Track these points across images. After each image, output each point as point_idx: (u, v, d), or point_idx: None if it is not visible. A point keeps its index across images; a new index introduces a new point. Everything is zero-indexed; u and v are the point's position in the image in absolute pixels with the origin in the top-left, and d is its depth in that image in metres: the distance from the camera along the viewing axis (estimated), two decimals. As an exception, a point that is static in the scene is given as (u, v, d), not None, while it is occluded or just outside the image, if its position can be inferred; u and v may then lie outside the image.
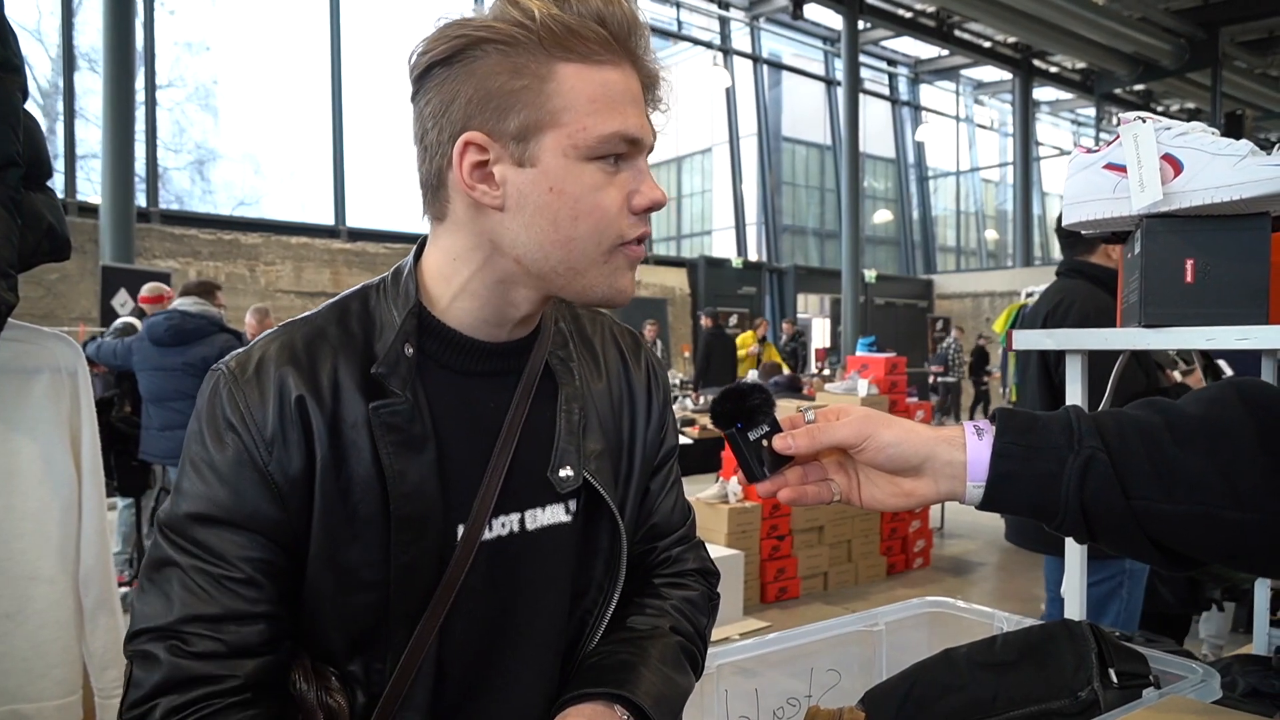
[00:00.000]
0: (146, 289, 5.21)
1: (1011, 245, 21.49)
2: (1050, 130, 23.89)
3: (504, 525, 0.89)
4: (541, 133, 0.79)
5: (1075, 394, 1.35)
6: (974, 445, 0.78)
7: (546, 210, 0.80)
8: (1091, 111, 22.30)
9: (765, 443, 0.82)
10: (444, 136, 0.81)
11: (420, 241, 0.92)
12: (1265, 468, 0.70)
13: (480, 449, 0.88)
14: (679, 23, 16.88)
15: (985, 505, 0.78)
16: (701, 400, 8.14)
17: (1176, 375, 2.52)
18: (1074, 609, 1.39)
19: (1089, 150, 1.28)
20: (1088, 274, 2.51)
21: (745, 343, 11.55)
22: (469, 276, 0.87)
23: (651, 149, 0.86)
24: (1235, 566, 0.77)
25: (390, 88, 12.69)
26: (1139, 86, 19.67)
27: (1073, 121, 24.56)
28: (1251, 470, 0.70)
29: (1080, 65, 19.63)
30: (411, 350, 0.85)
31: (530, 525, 0.91)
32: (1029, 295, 6.94)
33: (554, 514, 0.93)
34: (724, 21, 17.14)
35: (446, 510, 0.85)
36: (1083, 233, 1.34)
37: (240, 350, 0.86)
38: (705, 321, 10.34)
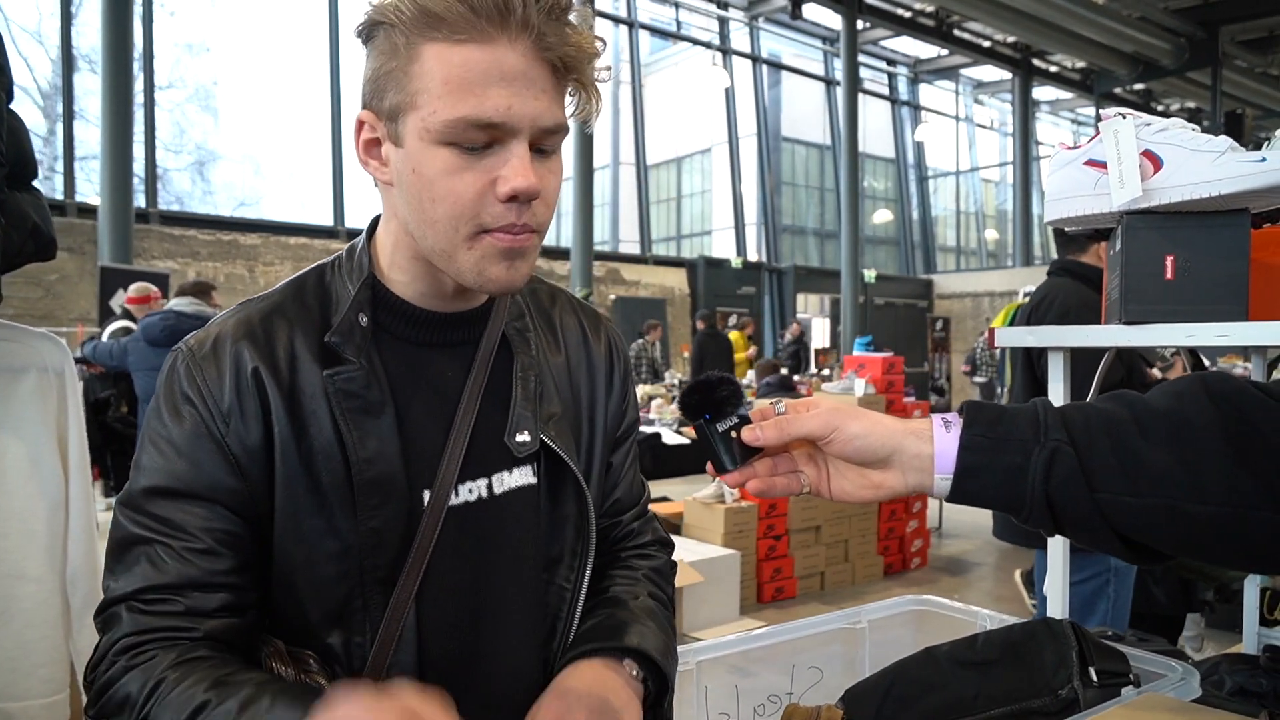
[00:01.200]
0: (133, 289, 5.22)
1: (1011, 245, 21.48)
2: (1050, 130, 23.88)
3: (471, 491, 0.90)
4: (405, 114, 0.79)
5: (1057, 391, 1.35)
6: (941, 437, 0.78)
7: (412, 190, 0.81)
8: (1091, 111, 22.29)
9: (734, 434, 0.82)
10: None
11: (375, 217, 0.94)
12: (1229, 461, 0.70)
13: (441, 416, 0.89)
14: (678, 23, 16.88)
15: (953, 498, 0.78)
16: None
17: (1156, 373, 2.53)
18: (1056, 607, 1.39)
19: (1071, 147, 1.28)
20: (1074, 272, 2.55)
21: (736, 344, 11.52)
22: (393, 248, 0.89)
23: (554, 130, 0.80)
24: (1200, 559, 0.77)
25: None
26: (1139, 86, 19.65)
27: (1073, 121, 24.55)
28: (1215, 463, 0.70)
29: (1080, 65, 19.62)
30: (366, 320, 0.87)
31: (498, 489, 0.92)
32: (1027, 295, 6.95)
33: (521, 476, 0.94)
34: (723, 21, 17.14)
35: (410, 476, 0.86)
36: (1066, 230, 1.34)
37: (199, 329, 0.88)
38: (700, 324, 10.33)
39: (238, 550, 0.82)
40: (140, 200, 10.36)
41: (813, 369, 12.12)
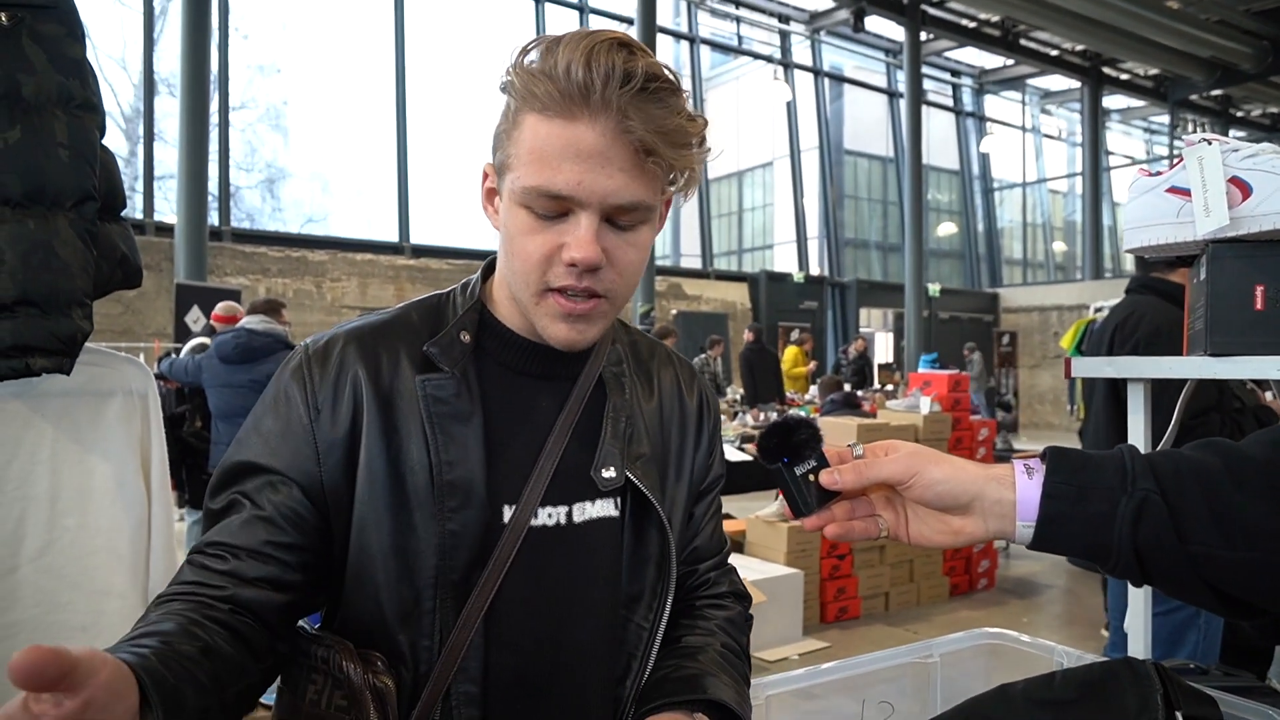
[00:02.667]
0: (220, 308, 5.38)
1: (1080, 257, 20.94)
2: (1121, 139, 23.28)
3: (551, 516, 0.93)
4: (505, 173, 0.86)
5: (1138, 423, 1.31)
6: (1023, 484, 0.76)
7: (503, 242, 0.90)
8: (1165, 119, 21.68)
9: (812, 477, 0.82)
10: None
11: (493, 256, 1.00)
12: None
13: (531, 441, 0.93)
14: (739, 37, 16.90)
15: (1036, 545, 0.76)
16: (761, 417, 8.07)
17: (1268, 396, 2.41)
18: (1138, 646, 1.35)
19: (1151, 174, 1.25)
20: (1159, 290, 2.44)
21: (792, 359, 11.38)
22: (499, 284, 0.96)
23: (629, 208, 0.83)
24: None
25: (452, 108, 12.94)
26: (1216, 92, 19.06)
27: (1145, 129, 23.90)
28: None
29: (1153, 71, 19.11)
30: (468, 338, 0.93)
31: (578, 518, 0.94)
32: (1098, 310, 6.74)
33: (603, 508, 0.96)
34: (784, 35, 17.11)
35: (491, 488, 0.89)
36: (1146, 256, 1.30)
37: (322, 333, 0.96)
38: (747, 336, 10.22)
39: (299, 530, 0.87)
40: (214, 218, 10.71)
41: (876, 385, 11.96)
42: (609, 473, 0.95)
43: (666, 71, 0.83)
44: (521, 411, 0.94)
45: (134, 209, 10.66)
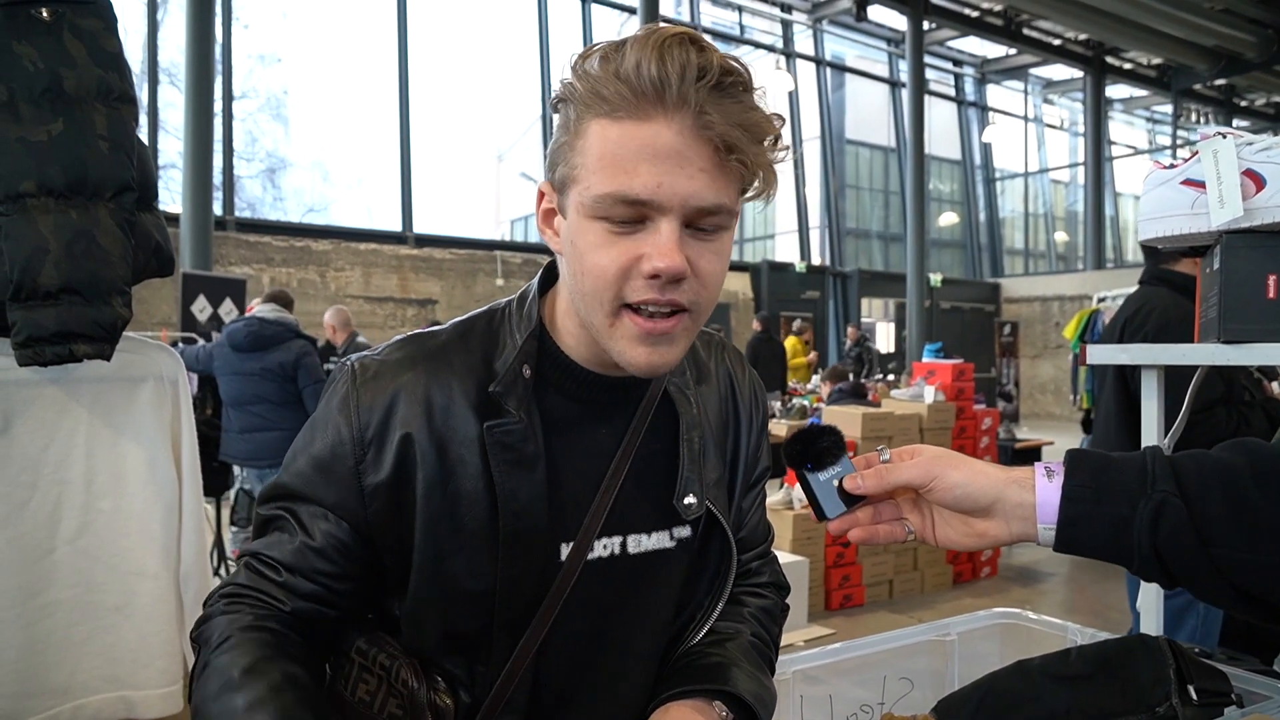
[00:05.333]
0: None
1: (1082, 247, 20.94)
2: (1124, 129, 23.24)
3: (605, 547, 0.92)
4: (570, 187, 0.81)
5: (1151, 409, 1.34)
6: (1043, 487, 0.78)
7: (571, 262, 0.83)
8: (1169, 108, 21.63)
9: (836, 482, 0.84)
10: None
11: (549, 264, 0.96)
12: None
13: (590, 472, 0.91)
14: (741, 26, 16.85)
15: (1059, 547, 0.78)
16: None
17: (1276, 387, 2.44)
18: (1151, 624, 1.39)
19: (1166, 166, 1.28)
20: (1170, 281, 2.47)
21: (793, 349, 11.37)
22: (564, 312, 0.91)
23: (712, 211, 0.78)
24: None
25: (455, 97, 12.93)
26: (1220, 81, 19.01)
27: (1148, 119, 23.84)
28: None
29: (1156, 61, 19.07)
30: (529, 372, 0.88)
31: (632, 549, 0.94)
32: (1100, 300, 6.77)
33: (658, 541, 0.95)
34: (786, 25, 17.06)
35: (552, 528, 0.89)
36: (1159, 247, 1.34)
37: (370, 351, 0.93)
38: (756, 325, 10.24)
39: (347, 559, 0.88)
40: (217, 208, 10.72)
41: (879, 374, 11.97)
42: (690, 500, 0.93)
43: (739, 66, 0.78)
44: (582, 443, 0.91)
45: (139, 199, 10.65)
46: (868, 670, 1.32)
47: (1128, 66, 19.84)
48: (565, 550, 0.90)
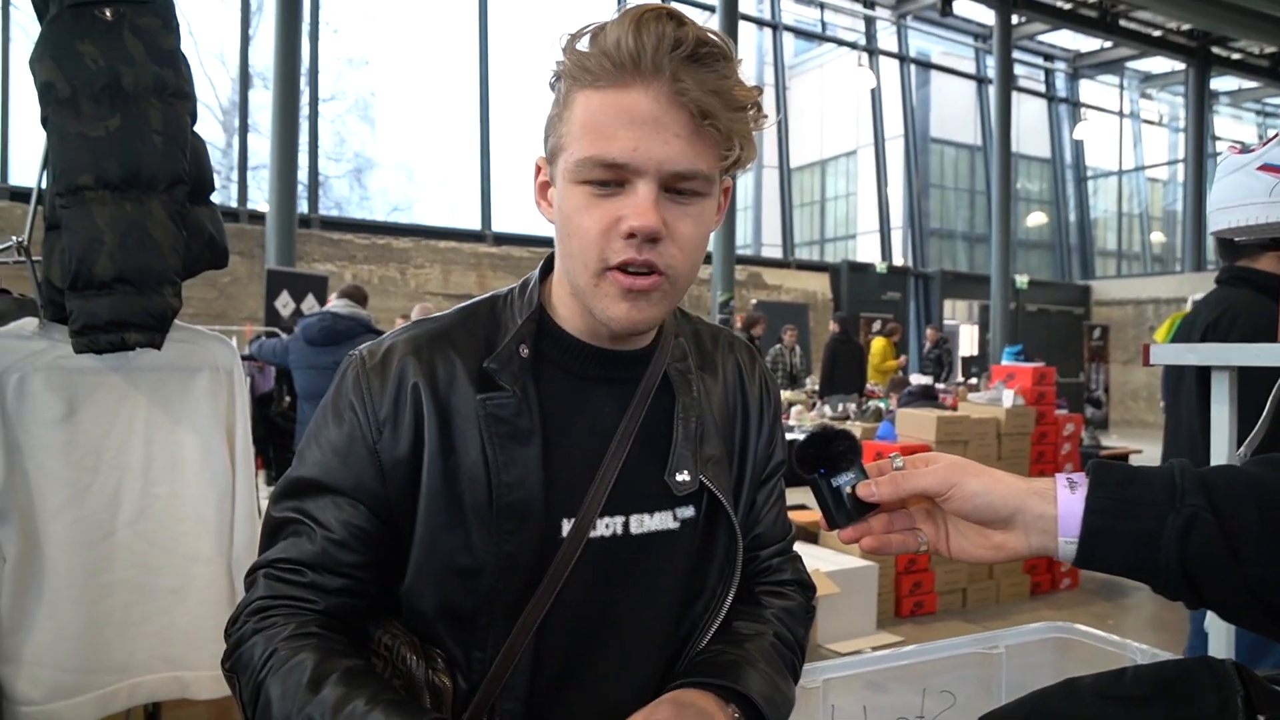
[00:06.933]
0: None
1: (1180, 249, 20.03)
2: (1231, 124, 22.12)
3: (608, 526, 0.92)
4: (558, 156, 0.86)
5: (1222, 415, 1.25)
6: (1065, 499, 0.74)
7: (559, 228, 0.87)
8: (1280, 101, 20.58)
9: (849, 489, 0.81)
10: None
11: (550, 254, 0.98)
12: None
13: (591, 449, 0.91)
14: (823, 24, 16.63)
15: (1079, 563, 0.74)
16: (827, 409, 7.94)
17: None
18: (1220, 646, 1.29)
19: (1242, 151, 1.20)
20: (1253, 281, 2.27)
21: (881, 351, 11.10)
22: (562, 288, 0.93)
23: (687, 175, 0.82)
24: None
25: (533, 98, 13.09)
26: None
27: (1258, 112, 22.64)
28: None
29: (1269, 50, 18.09)
30: (527, 351, 0.90)
31: (635, 529, 0.93)
32: (1194, 303, 6.44)
33: (661, 521, 0.94)
34: (869, 21, 16.76)
35: (550, 504, 0.88)
36: (1235, 239, 1.25)
37: (376, 340, 0.94)
38: (833, 327, 10.07)
39: (369, 546, 0.88)
40: (303, 206, 11.06)
41: (958, 377, 11.67)
42: (683, 476, 0.93)
43: (716, 38, 0.81)
44: (583, 419, 0.92)
45: (229, 198, 11.07)
46: (908, 681, 1.27)
47: (1236, 57, 18.88)
48: (566, 526, 0.90)
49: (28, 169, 9.95)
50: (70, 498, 1.69)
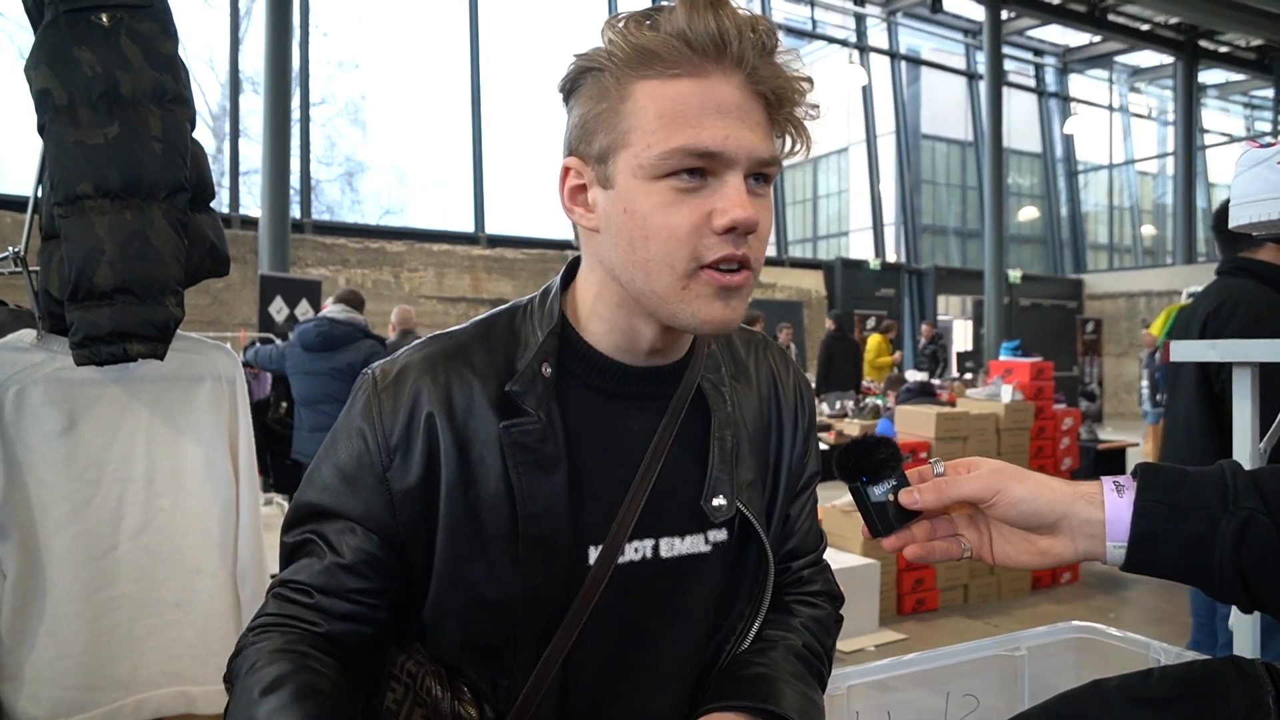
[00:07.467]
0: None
1: (1171, 241, 20.10)
2: (1218, 116, 22.19)
3: (637, 550, 0.88)
4: (616, 153, 0.78)
5: (1244, 412, 1.24)
6: (1113, 503, 0.73)
7: (624, 232, 0.79)
8: (1270, 93, 20.61)
9: (891, 497, 0.79)
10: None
11: (571, 261, 0.93)
12: None
13: (619, 471, 0.87)
14: (813, 21, 16.62)
15: (1129, 567, 0.73)
16: (825, 407, 7.93)
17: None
18: (1245, 644, 1.28)
19: (1262, 145, 1.18)
20: (1254, 272, 2.27)
21: (876, 348, 11.12)
22: (594, 298, 0.87)
23: (769, 161, 0.78)
24: None
25: (526, 100, 13.05)
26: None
27: (1246, 105, 22.70)
28: None
29: (1256, 43, 18.15)
30: (550, 370, 0.85)
31: (665, 553, 0.90)
32: (1190, 295, 6.46)
33: (693, 544, 0.91)
34: (859, 18, 16.77)
35: (577, 531, 0.85)
36: (1254, 233, 1.23)
37: (390, 357, 0.90)
38: (829, 324, 10.08)
39: (379, 573, 0.85)
40: (296, 211, 11.00)
41: (953, 373, 11.68)
42: (719, 501, 0.89)
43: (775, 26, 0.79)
44: (611, 441, 0.88)
45: (221, 203, 11.02)
46: (931, 684, 1.25)
47: (1224, 50, 18.95)
48: (594, 554, 0.86)
49: (16, 177, 9.88)
50: (72, 511, 1.66)
